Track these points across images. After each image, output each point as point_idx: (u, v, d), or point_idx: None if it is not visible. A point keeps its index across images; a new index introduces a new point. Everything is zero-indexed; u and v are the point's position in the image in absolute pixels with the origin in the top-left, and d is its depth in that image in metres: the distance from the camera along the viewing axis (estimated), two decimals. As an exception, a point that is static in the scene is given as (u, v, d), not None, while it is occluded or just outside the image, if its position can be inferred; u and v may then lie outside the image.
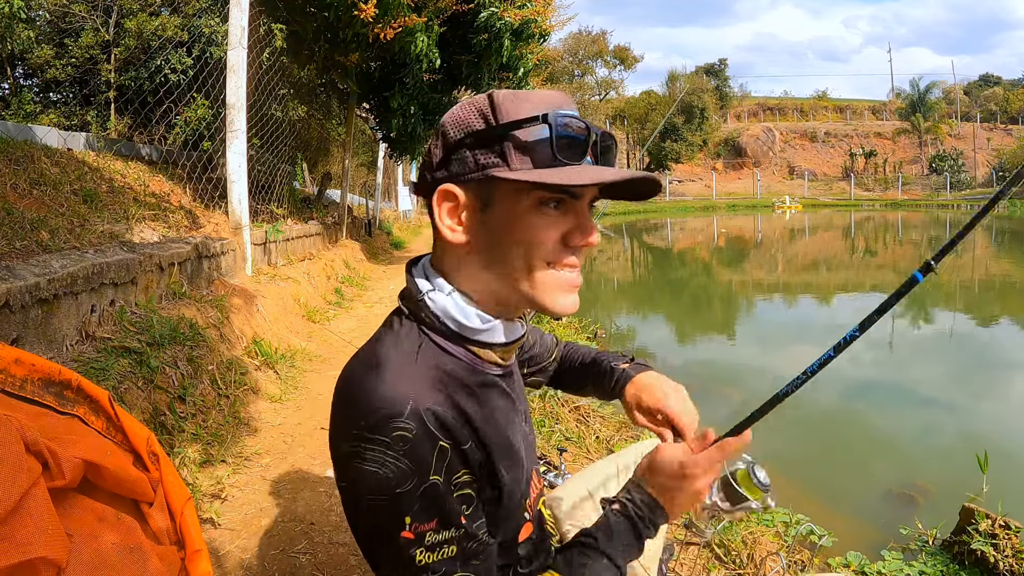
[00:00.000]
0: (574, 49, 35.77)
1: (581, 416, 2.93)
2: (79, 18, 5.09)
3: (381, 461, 0.59)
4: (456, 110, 0.68)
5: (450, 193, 0.67)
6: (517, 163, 0.64)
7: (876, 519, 2.38)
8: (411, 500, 0.59)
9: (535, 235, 0.65)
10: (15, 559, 0.52)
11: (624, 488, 0.78)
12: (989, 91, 43.41)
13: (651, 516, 0.74)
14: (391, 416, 0.59)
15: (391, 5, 5.19)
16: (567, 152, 0.64)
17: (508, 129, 0.64)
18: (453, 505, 0.62)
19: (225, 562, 1.58)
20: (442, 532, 0.61)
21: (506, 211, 0.66)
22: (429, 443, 0.60)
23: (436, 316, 0.68)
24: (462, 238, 0.67)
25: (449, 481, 0.61)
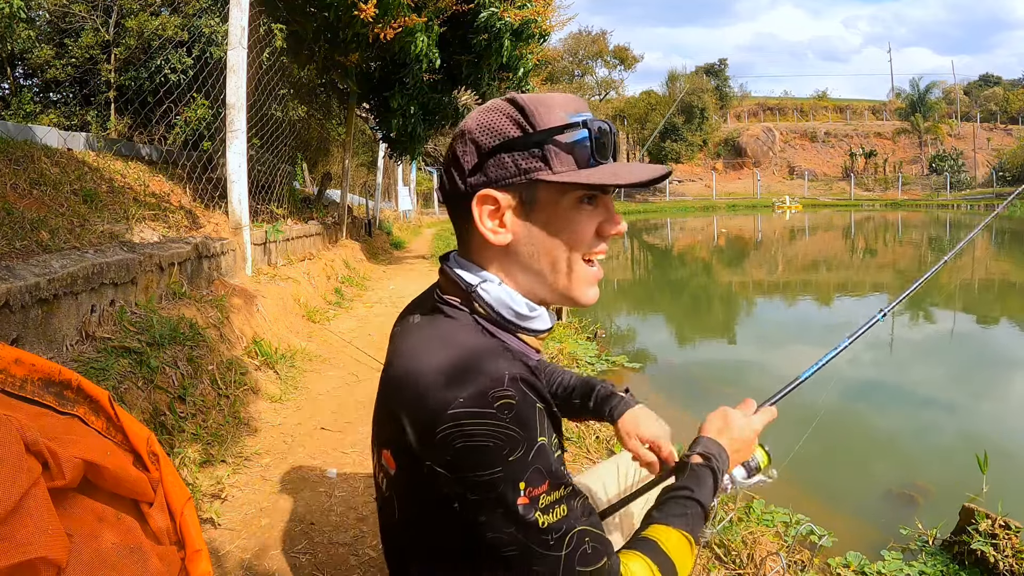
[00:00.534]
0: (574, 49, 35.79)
1: (581, 416, 2.92)
2: (79, 18, 5.09)
3: (490, 433, 0.60)
4: (482, 117, 0.72)
5: (490, 197, 0.70)
6: (559, 166, 0.68)
7: (876, 519, 2.38)
8: (524, 465, 0.61)
9: (577, 230, 0.71)
10: (15, 559, 0.52)
11: (696, 442, 0.88)
12: (989, 91, 43.40)
13: (724, 467, 0.85)
14: (491, 387, 0.61)
15: (391, 5, 5.19)
16: (600, 153, 0.70)
17: (551, 134, 0.68)
18: (557, 464, 0.65)
19: (225, 562, 1.58)
20: (553, 493, 0.63)
21: (550, 211, 0.71)
22: (530, 406, 0.63)
23: (490, 306, 0.72)
24: (506, 239, 0.71)
25: (549, 441, 0.64)
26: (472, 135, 0.71)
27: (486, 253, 0.74)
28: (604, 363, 4.28)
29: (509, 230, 0.71)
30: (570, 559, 0.64)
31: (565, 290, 0.74)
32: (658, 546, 0.74)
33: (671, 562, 0.73)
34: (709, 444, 0.87)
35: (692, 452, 0.86)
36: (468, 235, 0.74)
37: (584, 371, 4.00)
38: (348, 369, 3.26)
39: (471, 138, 0.71)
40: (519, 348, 0.73)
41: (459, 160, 0.72)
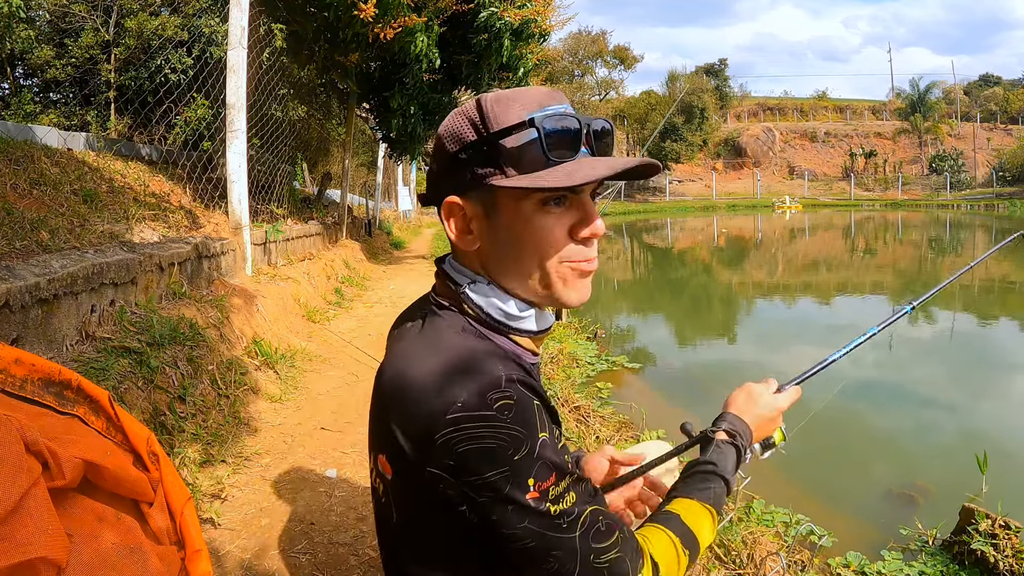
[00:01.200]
0: (574, 49, 35.79)
1: (581, 416, 2.93)
2: (79, 18, 5.09)
3: (493, 435, 0.60)
4: (449, 120, 0.70)
5: (455, 205, 0.70)
6: (512, 169, 0.66)
7: (876, 519, 2.38)
8: (530, 462, 0.61)
9: (544, 236, 0.68)
10: (15, 559, 0.52)
11: (720, 419, 0.89)
12: (989, 91, 43.39)
13: (747, 444, 0.87)
14: (488, 389, 0.61)
15: (391, 5, 5.19)
16: (559, 150, 0.66)
17: (498, 138, 0.65)
18: (561, 455, 0.65)
19: (225, 562, 1.58)
20: (560, 483, 0.64)
21: (511, 217, 0.68)
22: (528, 405, 0.63)
23: (479, 307, 0.71)
24: (474, 245, 0.71)
25: (550, 435, 0.65)
26: (440, 140, 0.71)
27: (468, 257, 0.74)
28: (604, 363, 4.28)
29: (476, 236, 0.70)
30: (585, 537, 0.65)
31: (546, 294, 0.72)
32: (679, 519, 0.76)
33: (692, 534, 0.75)
34: (735, 421, 0.88)
35: (717, 428, 0.88)
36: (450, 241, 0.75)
37: (584, 371, 3.99)
38: (348, 369, 3.26)
39: (439, 144, 0.71)
40: (512, 349, 0.72)
41: (431, 166, 0.72)
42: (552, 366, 3.70)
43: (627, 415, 3.15)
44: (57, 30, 5.19)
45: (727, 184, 38.22)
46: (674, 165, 32.14)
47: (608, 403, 3.37)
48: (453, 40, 6.62)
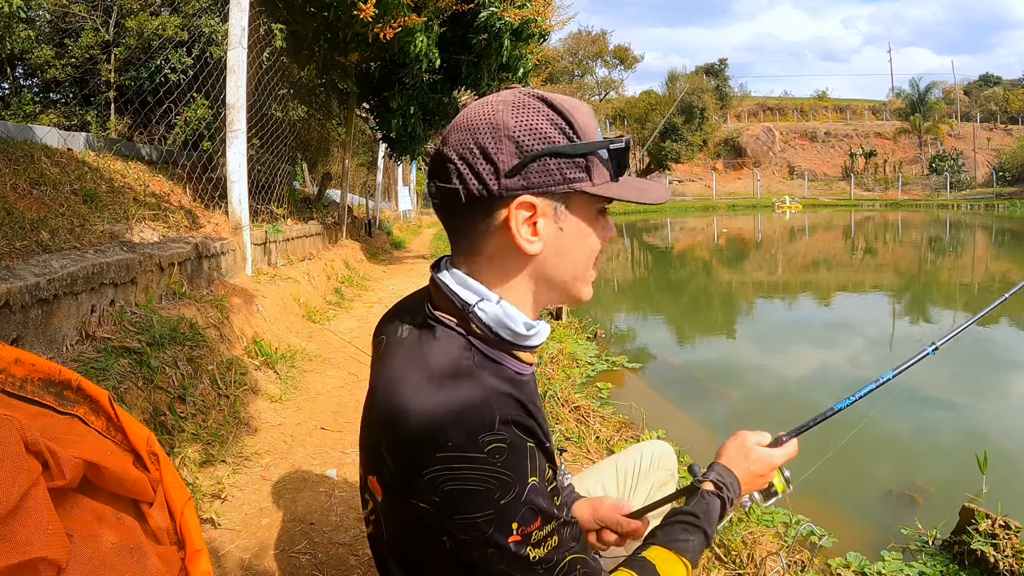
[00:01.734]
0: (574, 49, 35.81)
1: (581, 416, 2.92)
2: (79, 18, 5.09)
3: (481, 478, 0.59)
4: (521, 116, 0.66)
5: (529, 204, 0.67)
6: (598, 178, 0.69)
7: (876, 519, 2.38)
8: (516, 507, 0.61)
9: (594, 239, 0.73)
10: (15, 559, 0.52)
11: (712, 470, 0.89)
12: (989, 91, 43.35)
13: (734, 497, 0.86)
14: (481, 431, 0.60)
15: (391, 5, 5.19)
16: (624, 168, 0.72)
17: (595, 147, 0.68)
18: (549, 499, 0.65)
19: (225, 562, 1.58)
20: (545, 527, 0.63)
21: (580, 220, 0.71)
22: (520, 450, 0.62)
23: (488, 327, 0.69)
24: (538, 248, 0.69)
25: (542, 479, 0.64)
26: (511, 133, 0.65)
27: (502, 263, 0.70)
28: (604, 363, 4.28)
29: (541, 238, 0.68)
30: None
31: (577, 293, 0.75)
32: (655, 569, 0.75)
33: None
34: (724, 472, 0.88)
35: (705, 478, 0.87)
36: (482, 242, 0.69)
37: (584, 371, 3.99)
38: (348, 369, 3.26)
39: (509, 136, 0.65)
40: (513, 367, 0.71)
41: (492, 158, 0.65)
42: (552, 366, 3.70)
43: (627, 415, 3.15)
44: (57, 30, 5.19)
45: (727, 184, 38.22)
46: (674, 165, 32.05)
47: (608, 403, 3.37)
48: (453, 40, 6.62)
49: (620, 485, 1.15)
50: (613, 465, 1.19)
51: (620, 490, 1.15)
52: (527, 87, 0.73)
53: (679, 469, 1.22)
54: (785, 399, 4.02)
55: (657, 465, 1.18)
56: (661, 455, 1.20)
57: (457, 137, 0.68)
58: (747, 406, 3.86)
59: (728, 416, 3.68)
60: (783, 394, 4.13)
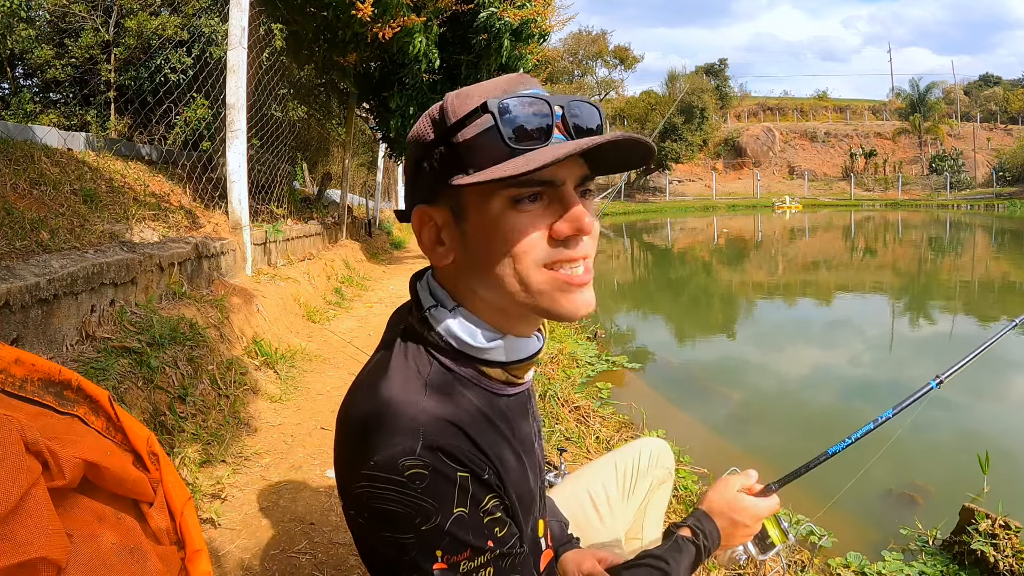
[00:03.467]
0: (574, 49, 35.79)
1: (581, 416, 2.93)
2: (79, 18, 5.09)
3: (399, 500, 0.56)
4: (416, 125, 0.65)
5: (424, 215, 0.64)
6: (475, 164, 0.59)
7: (876, 519, 2.38)
8: (439, 535, 0.57)
9: (517, 237, 0.59)
10: (15, 559, 0.52)
11: (692, 516, 0.85)
12: (989, 91, 43.35)
13: (712, 547, 0.82)
14: (401, 455, 0.57)
15: (390, 5, 5.19)
16: (524, 138, 0.58)
17: (455, 131, 0.59)
18: (484, 532, 0.59)
19: (225, 562, 1.58)
20: (477, 558, 0.59)
21: (481, 218, 0.60)
22: (446, 478, 0.57)
23: (440, 335, 0.65)
24: (447, 258, 0.64)
25: (476, 510, 0.59)
26: (408, 148, 0.66)
27: (444, 273, 0.67)
28: (604, 363, 4.29)
29: (449, 248, 0.64)
30: None
31: (532, 305, 0.62)
32: None
33: None
34: (704, 521, 0.84)
35: (684, 524, 0.83)
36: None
37: (584, 371, 3.99)
38: (348, 369, 3.26)
39: (408, 152, 0.66)
40: (477, 384, 0.66)
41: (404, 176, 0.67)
42: (552, 366, 3.70)
43: (627, 415, 3.15)
44: (57, 30, 5.19)
45: (727, 184, 38.22)
46: (674, 165, 32.10)
47: (608, 403, 3.37)
48: (453, 40, 6.62)
49: (619, 482, 1.15)
50: (612, 463, 1.19)
51: (619, 487, 1.15)
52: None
53: (677, 468, 1.22)
54: (785, 399, 4.02)
55: (656, 463, 1.18)
56: (659, 453, 1.20)
57: None
58: (747, 406, 3.86)
59: (728, 416, 3.68)
60: (783, 394, 4.13)
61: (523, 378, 0.70)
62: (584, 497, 1.14)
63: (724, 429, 3.40)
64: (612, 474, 1.16)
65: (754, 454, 3.02)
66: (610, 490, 1.14)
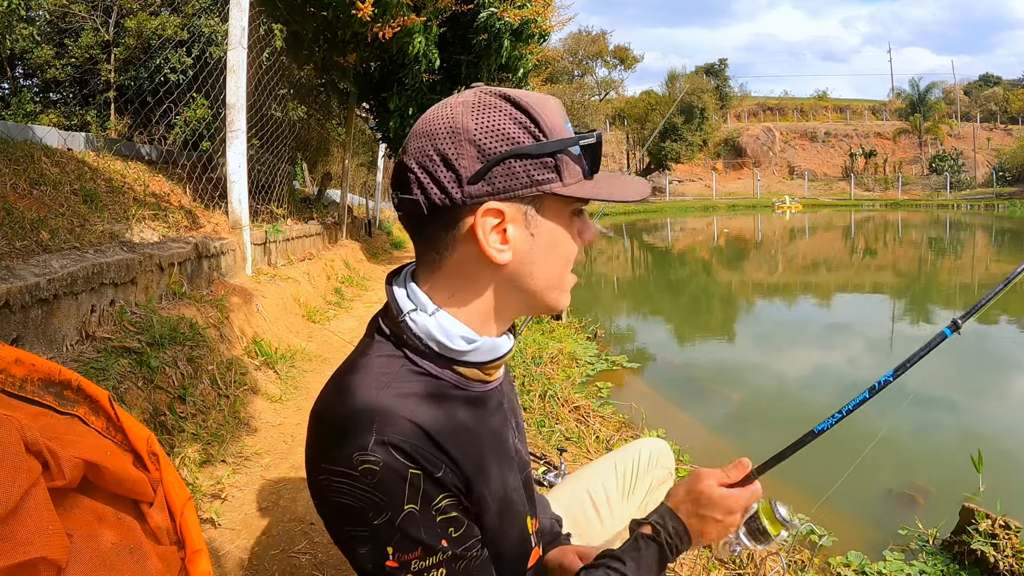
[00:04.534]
0: (574, 49, 35.77)
1: (581, 416, 2.93)
2: (79, 18, 5.09)
3: (352, 494, 0.59)
4: (482, 118, 0.63)
5: (496, 210, 0.63)
6: (569, 177, 0.65)
7: (876, 519, 2.38)
8: (389, 531, 0.59)
9: (570, 241, 0.69)
10: (15, 559, 0.52)
11: (656, 512, 0.79)
12: (989, 91, 43.33)
13: (679, 544, 0.76)
14: (355, 449, 0.58)
15: (389, 5, 5.19)
16: (597, 165, 0.67)
17: (564, 145, 0.64)
18: (436, 531, 0.60)
19: (225, 562, 1.58)
20: (428, 558, 0.60)
21: (554, 224, 0.67)
22: (397, 475, 0.58)
23: (419, 338, 0.66)
24: (508, 257, 0.65)
25: (428, 508, 0.60)
26: (472, 136, 0.62)
27: (469, 273, 0.67)
28: (604, 363, 4.29)
29: (511, 247, 0.65)
30: None
31: (552, 301, 0.70)
32: None
33: None
34: (667, 517, 0.77)
35: (647, 520, 0.77)
36: (447, 252, 0.66)
37: (584, 371, 3.99)
38: (348, 369, 3.26)
39: (470, 139, 0.62)
40: (452, 383, 0.67)
41: (453, 165, 0.62)
42: (552, 366, 3.70)
43: (627, 415, 3.15)
44: (57, 30, 5.19)
45: (727, 184, 38.21)
46: (674, 165, 32.09)
47: (608, 403, 3.37)
48: (453, 40, 6.62)
49: (619, 482, 1.15)
50: (612, 462, 1.19)
51: (619, 487, 1.15)
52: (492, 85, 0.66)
53: (677, 468, 1.22)
54: (785, 399, 4.02)
55: (655, 463, 1.18)
56: (659, 453, 1.20)
57: (416, 144, 0.65)
58: (747, 406, 3.86)
59: (728, 416, 3.68)
60: (783, 394, 4.13)
61: (494, 376, 0.72)
62: (584, 497, 1.14)
63: (724, 429, 3.40)
64: (612, 474, 1.16)
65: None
66: (610, 490, 1.14)
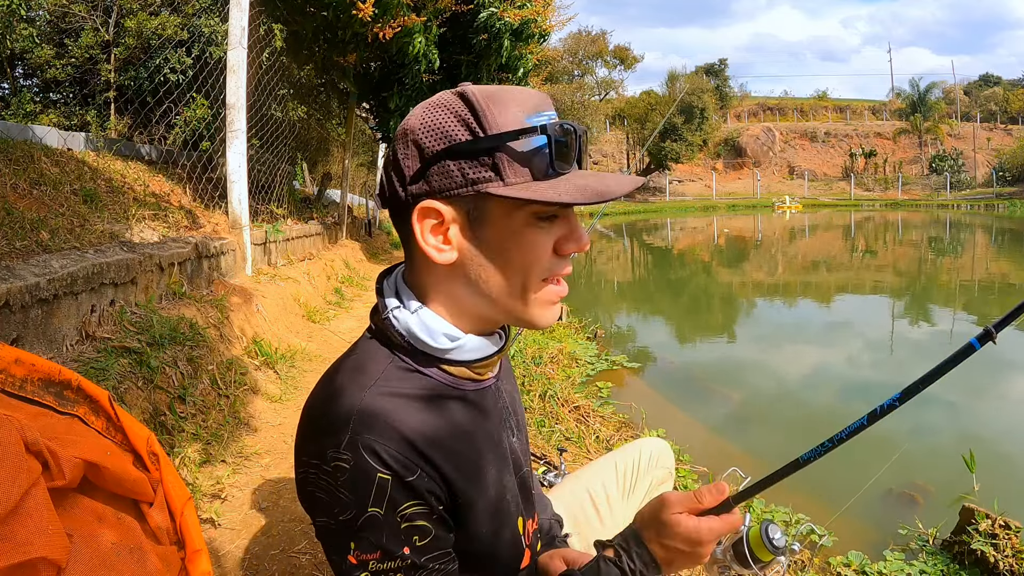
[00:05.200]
0: (574, 49, 35.76)
1: (581, 416, 2.93)
2: (79, 18, 5.09)
3: (325, 488, 0.60)
4: (427, 115, 0.63)
5: (433, 210, 0.62)
6: (512, 177, 0.60)
7: (876, 518, 2.38)
8: (352, 528, 0.59)
9: (532, 252, 0.63)
10: (15, 559, 0.52)
11: (621, 535, 0.74)
12: (989, 91, 43.32)
13: (643, 571, 0.70)
14: (330, 446, 0.60)
15: (390, 5, 5.19)
16: (562, 161, 0.61)
17: (503, 140, 0.60)
18: (399, 537, 0.60)
19: (225, 562, 1.58)
20: (386, 562, 0.60)
21: (500, 228, 0.62)
22: (365, 476, 0.58)
23: (401, 335, 0.66)
24: (450, 257, 0.64)
25: (393, 514, 0.59)
26: (415, 136, 0.62)
27: (428, 271, 0.66)
28: (604, 363, 4.29)
29: (454, 247, 0.63)
30: None
31: (520, 314, 0.66)
32: None
33: None
34: (631, 541, 0.72)
35: (611, 543, 0.74)
36: (410, 249, 0.67)
37: (584, 371, 3.99)
38: (348, 369, 3.26)
39: (413, 139, 0.62)
40: (440, 382, 0.66)
41: (399, 164, 0.64)
42: (552, 366, 3.70)
43: (627, 415, 3.15)
44: (57, 30, 5.19)
45: (727, 184, 38.21)
46: (674, 165, 32.08)
47: (608, 403, 3.37)
48: (453, 40, 6.62)
49: (619, 482, 1.15)
50: (612, 462, 1.19)
51: (619, 487, 1.15)
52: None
53: (677, 468, 1.21)
54: (785, 399, 4.02)
55: (656, 463, 1.18)
56: (660, 453, 1.20)
57: (391, 146, 0.67)
58: (747, 406, 3.86)
59: (728, 415, 3.68)
60: (783, 394, 4.13)
61: (487, 375, 0.71)
62: (584, 497, 1.14)
63: (724, 429, 3.40)
64: (612, 474, 1.16)
65: (754, 453, 3.02)
66: (610, 490, 1.14)
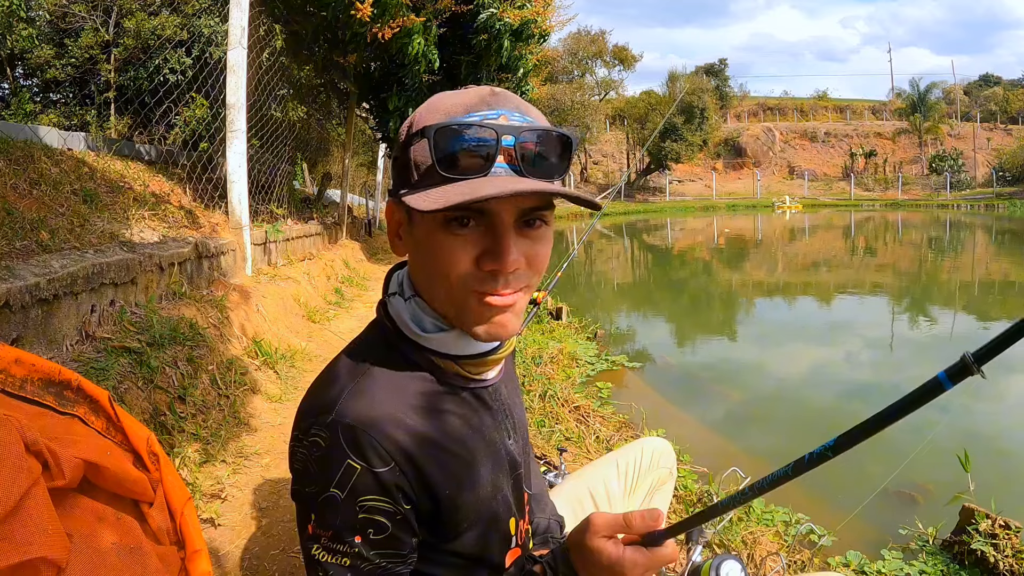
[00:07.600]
0: (573, 49, 35.74)
1: (581, 416, 2.93)
2: (79, 18, 5.09)
3: (300, 459, 0.63)
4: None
5: (391, 208, 0.68)
6: (419, 181, 0.60)
7: (876, 519, 2.38)
8: (314, 501, 0.61)
9: (446, 257, 0.60)
10: (15, 559, 0.52)
11: (552, 554, 0.70)
12: (989, 91, 43.32)
13: None
14: (312, 423, 0.62)
15: (389, 5, 5.19)
16: (457, 169, 0.58)
17: (409, 144, 0.62)
18: (353, 524, 0.60)
19: (225, 562, 1.58)
20: (335, 544, 0.61)
21: (420, 230, 0.63)
22: (336, 457, 0.60)
23: (392, 321, 0.69)
24: (404, 253, 0.69)
25: (352, 501, 0.60)
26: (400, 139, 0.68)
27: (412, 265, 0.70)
28: (604, 363, 4.28)
29: (404, 244, 0.67)
30: None
31: (455, 322, 0.65)
32: None
33: None
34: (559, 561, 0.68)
35: (541, 560, 0.71)
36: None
37: (584, 371, 3.99)
38: (348, 369, 3.26)
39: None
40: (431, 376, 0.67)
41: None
42: (552, 366, 3.70)
43: (627, 415, 3.15)
44: (57, 30, 5.19)
45: (727, 184, 38.20)
46: (674, 165, 32.07)
47: (608, 403, 3.37)
48: (453, 40, 6.62)
49: (621, 482, 1.15)
50: (614, 462, 1.19)
51: (621, 486, 1.15)
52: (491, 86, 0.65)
53: (678, 468, 1.21)
54: (785, 398, 4.02)
55: (657, 463, 1.18)
56: (661, 453, 1.20)
57: None
58: (747, 405, 3.86)
59: (728, 415, 3.68)
60: (783, 393, 4.13)
61: (479, 375, 0.70)
62: (585, 496, 1.14)
63: (724, 429, 3.40)
64: (614, 473, 1.16)
65: (754, 453, 3.02)
66: (611, 489, 1.14)
